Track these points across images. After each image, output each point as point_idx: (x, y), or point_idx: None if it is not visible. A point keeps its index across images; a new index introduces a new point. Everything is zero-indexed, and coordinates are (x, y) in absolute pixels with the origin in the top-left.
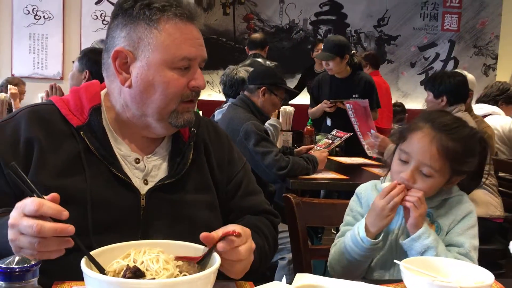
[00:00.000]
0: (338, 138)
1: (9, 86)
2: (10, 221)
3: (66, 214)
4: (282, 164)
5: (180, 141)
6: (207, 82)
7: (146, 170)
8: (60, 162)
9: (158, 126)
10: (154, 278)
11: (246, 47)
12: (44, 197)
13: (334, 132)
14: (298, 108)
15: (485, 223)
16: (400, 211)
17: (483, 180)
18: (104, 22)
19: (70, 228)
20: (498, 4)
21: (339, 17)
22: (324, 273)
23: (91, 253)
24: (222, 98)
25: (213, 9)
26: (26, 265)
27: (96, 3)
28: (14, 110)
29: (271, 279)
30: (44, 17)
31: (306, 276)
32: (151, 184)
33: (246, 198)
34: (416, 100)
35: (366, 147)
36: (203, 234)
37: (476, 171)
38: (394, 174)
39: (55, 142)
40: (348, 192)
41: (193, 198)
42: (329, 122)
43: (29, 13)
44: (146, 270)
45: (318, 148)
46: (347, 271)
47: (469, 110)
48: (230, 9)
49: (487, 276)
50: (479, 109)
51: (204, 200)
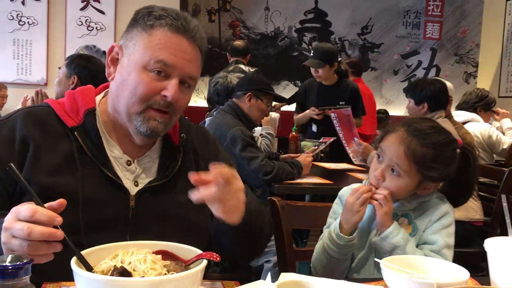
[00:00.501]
0: (323, 144)
1: None
2: (4, 224)
3: (59, 220)
4: (268, 169)
5: (170, 145)
6: None
7: (137, 172)
8: (54, 161)
9: (131, 130)
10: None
11: (227, 54)
12: (44, 205)
13: (321, 139)
14: (283, 114)
15: (465, 226)
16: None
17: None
18: (89, 28)
19: (59, 233)
20: (479, 13)
21: (324, 25)
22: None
23: (81, 253)
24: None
25: (198, 16)
26: (18, 262)
27: (81, 9)
28: None
29: None
30: (28, 22)
31: (290, 275)
32: (141, 185)
33: None
34: (399, 107)
35: (351, 155)
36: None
37: (464, 182)
38: (371, 172)
39: (50, 142)
40: (332, 196)
41: (181, 200)
42: (314, 128)
43: (13, 18)
44: (134, 270)
45: (304, 154)
46: (328, 270)
47: (449, 116)
48: (215, 16)
49: (463, 273)
50: (458, 116)
51: (191, 201)
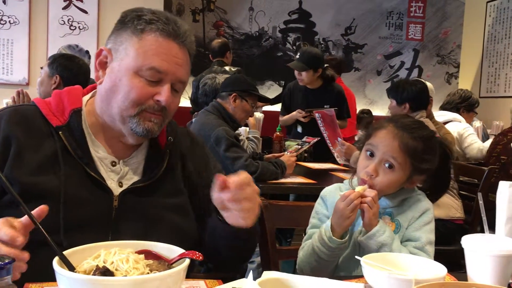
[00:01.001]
0: (307, 143)
1: None
2: None
3: (20, 240)
4: (252, 169)
5: (157, 148)
6: None
7: (122, 173)
8: (37, 160)
9: (124, 130)
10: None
11: (210, 55)
12: (32, 213)
13: (304, 138)
14: (268, 114)
15: (446, 225)
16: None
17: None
18: (71, 28)
19: (25, 255)
20: (460, 14)
21: (308, 25)
22: (293, 273)
23: (63, 253)
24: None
25: (182, 16)
26: (0, 262)
27: (63, 8)
28: None
29: None
30: (9, 22)
31: (272, 273)
32: (125, 186)
33: None
34: (382, 107)
35: (336, 155)
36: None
37: (441, 175)
38: (361, 169)
39: (34, 141)
40: (316, 196)
41: (164, 202)
42: (299, 129)
43: None
44: (116, 270)
45: (288, 153)
46: (316, 272)
47: (430, 116)
48: (199, 16)
49: (441, 269)
50: (441, 115)
51: (175, 204)
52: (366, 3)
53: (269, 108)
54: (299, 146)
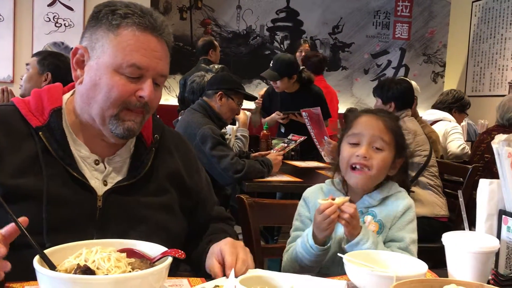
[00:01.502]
0: (293, 142)
1: None
2: None
3: (1, 252)
4: (238, 167)
5: (142, 145)
6: (164, 86)
7: (106, 172)
8: (17, 162)
9: (104, 131)
10: None
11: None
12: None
13: (290, 136)
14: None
15: (431, 222)
16: None
17: (430, 182)
18: (56, 25)
19: (8, 266)
20: (446, 14)
21: (295, 24)
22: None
23: (44, 252)
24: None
25: (169, 13)
26: None
27: (48, 5)
28: None
29: None
30: None
31: (254, 270)
32: (110, 185)
33: (213, 208)
34: (369, 105)
35: (323, 154)
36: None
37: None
38: (346, 160)
39: (14, 142)
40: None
41: (150, 200)
42: (283, 129)
43: None
44: (98, 268)
45: (274, 152)
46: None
47: (415, 115)
48: (187, 14)
49: (422, 266)
50: (431, 114)
51: (161, 202)
52: (353, 2)
53: (254, 106)
54: (286, 145)
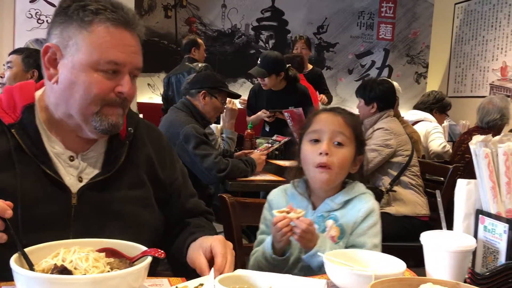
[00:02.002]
0: (277, 142)
1: None
2: None
3: (9, 213)
4: (222, 166)
5: (116, 139)
6: (148, 85)
7: (81, 168)
8: None
9: (86, 129)
10: None
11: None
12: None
13: (274, 137)
14: (240, 112)
15: (412, 221)
16: None
17: (412, 181)
18: (39, 21)
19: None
20: (429, 15)
21: (280, 23)
22: None
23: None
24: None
25: (154, 11)
26: None
27: (30, 2)
28: None
29: None
30: None
31: (236, 271)
32: (85, 181)
33: (189, 199)
34: (353, 105)
35: None
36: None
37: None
38: (308, 157)
39: None
40: None
41: (125, 195)
42: (267, 128)
43: None
44: (75, 268)
45: (258, 152)
46: None
47: (397, 115)
48: (172, 12)
49: (400, 264)
50: (413, 114)
51: (137, 196)
52: (338, 3)
53: (239, 105)
54: (270, 145)
